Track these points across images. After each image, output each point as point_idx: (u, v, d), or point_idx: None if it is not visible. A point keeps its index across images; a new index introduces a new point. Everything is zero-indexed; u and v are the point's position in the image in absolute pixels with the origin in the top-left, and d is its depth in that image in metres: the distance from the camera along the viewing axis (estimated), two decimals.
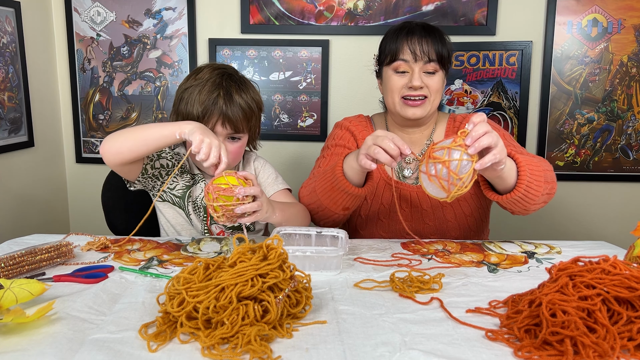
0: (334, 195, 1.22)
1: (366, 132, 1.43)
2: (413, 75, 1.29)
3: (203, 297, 0.75)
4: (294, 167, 2.22)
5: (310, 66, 2.13)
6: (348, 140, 1.43)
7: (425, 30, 1.30)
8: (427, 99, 1.31)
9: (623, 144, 2.11)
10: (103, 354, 0.70)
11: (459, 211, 1.36)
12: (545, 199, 1.20)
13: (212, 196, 1.03)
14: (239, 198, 1.03)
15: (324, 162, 1.40)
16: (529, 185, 1.11)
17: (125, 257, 1.11)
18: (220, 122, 1.25)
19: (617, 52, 2.05)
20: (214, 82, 1.26)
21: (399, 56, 1.30)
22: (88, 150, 2.26)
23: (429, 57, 1.28)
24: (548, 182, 1.17)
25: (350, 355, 0.71)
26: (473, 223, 1.39)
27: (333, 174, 1.19)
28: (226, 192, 1.03)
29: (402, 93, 1.31)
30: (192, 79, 1.30)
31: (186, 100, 1.27)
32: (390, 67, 1.33)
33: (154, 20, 2.13)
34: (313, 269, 1.01)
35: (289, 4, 2.09)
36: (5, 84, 1.88)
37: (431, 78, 1.30)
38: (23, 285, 0.83)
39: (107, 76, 2.19)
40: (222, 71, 1.30)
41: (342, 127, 1.46)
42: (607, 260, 0.76)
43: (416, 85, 1.28)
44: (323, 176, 1.24)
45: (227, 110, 1.24)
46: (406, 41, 1.29)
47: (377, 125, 1.47)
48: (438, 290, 0.94)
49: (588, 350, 0.67)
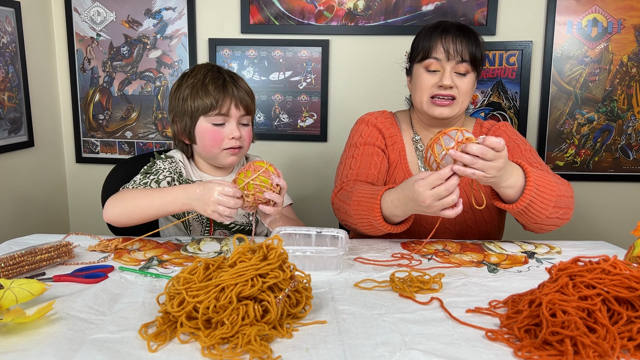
0: (373, 230, 1.21)
1: (392, 129, 1.41)
2: (444, 74, 1.27)
3: (203, 297, 0.75)
4: (293, 167, 2.22)
5: (310, 66, 2.13)
6: (376, 138, 1.39)
7: (460, 30, 1.29)
8: (455, 100, 1.29)
9: (623, 144, 2.11)
10: (103, 354, 0.70)
11: (479, 217, 1.35)
12: (557, 222, 1.17)
13: (250, 173, 1.11)
14: (272, 184, 1.12)
15: (355, 163, 1.36)
16: (530, 204, 1.09)
17: (125, 257, 1.11)
18: (234, 105, 1.30)
19: (617, 52, 2.05)
20: (213, 73, 1.32)
21: (432, 54, 1.28)
22: (88, 150, 2.26)
23: (461, 57, 1.27)
24: (560, 208, 1.14)
25: (350, 355, 0.71)
26: (492, 229, 1.38)
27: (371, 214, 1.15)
28: (265, 174, 1.11)
29: (432, 92, 1.30)
30: (187, 79, 1.32)
31: (192, 95, 1.29)
32: (421, 65, 1.31)
33: (154, 20, 2.13)
34: (313, 269, 1.01)
35: (289, 4, 2.09)
36: (5, 84, 1.88)
37: (462, 79, 1.29)
38: (23, 285, 0.83)
39: (107, 76, 2.19)
40: (214, 65, 1.36)
41: (368, 123, 1.42)
42: (607, 260, 0.76)
43: (446, 85, 1.27)
44: (358, 208, 1.19)
45: (238, 92, 1.30)
46: (440, 39, 1.28)
47: (401, 122, 1.44)
48: (438, 290, 0.94)
49: (588, 350, 0.67)
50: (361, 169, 1.34)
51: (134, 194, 1.21)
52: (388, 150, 1.39)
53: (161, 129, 2.22)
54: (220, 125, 1.30)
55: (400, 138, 1.40)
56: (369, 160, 1.36)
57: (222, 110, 1.28)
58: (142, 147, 2.24)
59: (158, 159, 1.36)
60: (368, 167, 1.35)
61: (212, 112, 1.28)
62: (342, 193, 1.30)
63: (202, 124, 1.30)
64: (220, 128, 1.30)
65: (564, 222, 1.19)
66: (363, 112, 1.57)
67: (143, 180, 1.29)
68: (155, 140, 2.24)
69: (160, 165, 1.34)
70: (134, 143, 2.24)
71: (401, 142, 1.40)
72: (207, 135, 1.30)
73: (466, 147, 0.99)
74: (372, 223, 1.18)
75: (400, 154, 1.39)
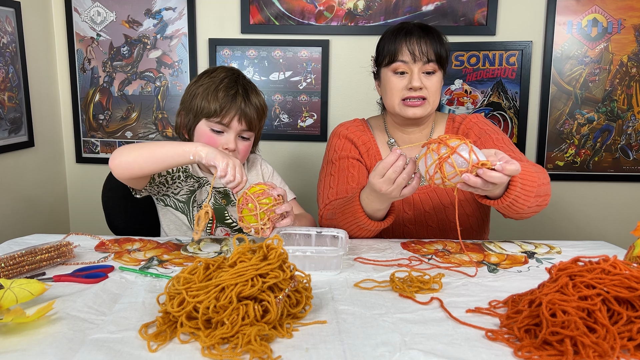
0: (366, 232, 1.24)
1: (365, 136, 1.43)
2: (412, 76, 1.28)
3: (203, 297, 0.75)
4: (294, 167, 2.22)
5: (310, 66, 2.13)
6: (350, 150, 1.41)
7: (424, 31, 1.30)
8: (426, 100, 1.31)
9: (623, 144, 2.11)
10: (103, 354, 0.70)
11: (460, 211, 1.36)
12: (536, 209, 1.19)
13: (252, 205, 1.09)
14: (275, 197, 1.11)
15: (333, 181, 1.39)
16: (515, 199, 1.09)
17: (125, 257, 1.11)
18: (237, 118, 1.28)
19: (617, 52, 2.05)
20: (230, 80, 1.30)
21: (398, 57, 1.30)
22: (88, 150, 2.26)
23: (427, 57, 1.28)
24: (540, 196, 1.15)
25: (350, 355, 0.71)
26: (475, 223, 1.39)
27: (357, 219, 1.20)
28: (264, 195, 1.10)
29: (403, 95, 1.31)
30: (205, 77, 1.32)
31: (202, 96, 1.28)
32: (389, 69, 1.32)
33: (154, 20, 2.13)
34: (313, 269, 1.01)
35: (289, 4, 2.09)
36: (5, 84, 1.88)
37: (430, 79, 1.30)
38: (23, 285, 0.83)
39: (107, 76, 2.19)
40: (236, 72, 1.35)
41: (340, 136, 1.44)
42: (607, 260, 0.76)
43: (416, 86, 1.28)
44: (343, 218, 1.24)
45: (245, 107, 1.28)
46: (405, 42, 1.29)
47: (374, 128, 1.46)
48: (438, 290, 0.94)
49: (588, 350, 0.67)
50: (340, 186, 1.37)
51: (142, 143, 1.20)
52: (363, 158, 1.42)
53: (161, 129, 2.22)
54: (219, 133, 1.29)
55: (374, 144, 1.43)
56: (347, 174, 1.38)
57: (224, 120, 1.27)
58: None
59: None
60: (347, 182, 1.37)
61: (214, 119, 1.27)
62: (326, 213, 1.33)
63: (202, 126, 1.30)
64: (217, 135, 1.29)
65: (543, 208, 1.21)
66: (363, 112, 1.57)
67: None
68: (156, 140, 2.23)
69: None
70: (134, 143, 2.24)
71: (375, 148, 1.42)
72: (203, 138, 1.29)
73: (485, 174, 0.95)
74: (360, 225, 1.21)
75: (376, 159, 1.41)
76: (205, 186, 1.37)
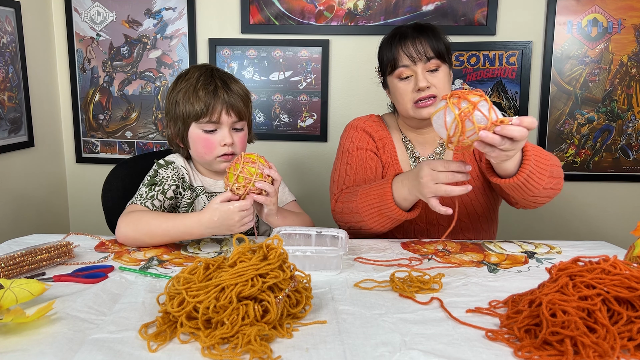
0: (382, 220, 1.23)
1: (382, 131, 1.42)
2: (417, 77, 1.28)
3: (203, 297, 0.75)
4: (294, 167, 2.22)
5: (310, 66, 2.13)
6: (368, 142, 1.40)
7: (417, 31, 1.30)
8: (437, 97, 1.30)
9: (623, 144, 2.11)
10: (103, 354, 0.70)
11: (472, 212, 1.36)
12: (550, 193, 1.18)
13: (239, 166, 1.12)
14: (264, 175, 1.13)
15: (350, 169, 1.38)
16: (530, 175, 1.09)
17: (125, 257, 1.11)
18: (225, 111, 1.27)
19: (617, 52, 2.05)
20: (206, 77, 1.29)
21: (399, 63, 1.29)
22: (88, 150, 2.26)
23: (426, 56, 1.28)
24: (554, 177, 1.15)
25: (350, 355, 0.71)
26: (485, 223, 1.39)
27: (382, 201, 1.19)
28: (254, 165, 1.13)
29: (413, 98, 1.30)
30: (181, 82, 1.30)
31: (184, 100, 1.27)
32: (393, 76, 1.32)
33: (154, 20, 2.13)
34: (313, 269, 1.01)
35: (289, 4, 2.09)
36: (5, 84, 1.88)
37: (435, 76, 1.29)
38: (23, 285, 0.83)
39: (107, 76, 2.19)
40: (209, 67, 1.33)
41: (357, 129, 1.43)
42: (607, 260, 0.76)
43: (423, 87, 1.27)
44: (366, 199, 1.23)
45: (229, 98, 1.27)
46: (400, 47, 1.29)
47: (389, 125, 1.45)
48: (438, 290, 0.94)
49: (588, 350, 0.67)
50: (357, 175, 1.36)
51: (147, 219, 1.18)
52: (379, 152, 1.41)
53: (161, 128, 2.22)
54: (212, 132, 1.28)
55: (390, 139, 1.42)
56: (364, 164, 1.37)
57: (213, 117, 1.26)
58: (142, 147, 2.24)
59: (160, 168, 1.33)
60: (364, 172, 1.36)
61: (203, 119, 1.26)
62: (343, 196, 1.31)
63: (194, 130, 1.28)
64: (211, 135, 1.28)
65: (557, 193, 1.20)
66: (363, 111, 1.57)
67: (149, 194, 1.26)
68: (155, 140, 2.24)
69: (163, 175, 1.31)
70: (134, 143, 2.24)
71: (391, 143, 1.42)
72: (199, 142, 1.29)
73: (503, 130, 0.94)
74: (382, 210, 1.20)
75: (392, 155, 1.40)
76: (201, 195, 1.36)
